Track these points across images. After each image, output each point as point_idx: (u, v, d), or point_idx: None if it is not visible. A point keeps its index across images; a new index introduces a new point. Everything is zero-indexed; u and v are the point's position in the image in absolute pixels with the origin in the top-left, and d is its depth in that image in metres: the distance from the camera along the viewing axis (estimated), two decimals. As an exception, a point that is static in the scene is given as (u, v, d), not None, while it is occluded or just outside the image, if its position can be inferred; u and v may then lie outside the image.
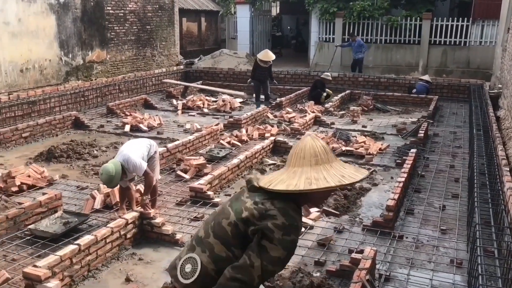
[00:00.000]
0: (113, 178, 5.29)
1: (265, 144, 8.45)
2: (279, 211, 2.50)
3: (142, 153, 5.66)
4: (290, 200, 2.57)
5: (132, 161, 5.44)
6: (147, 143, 5.91)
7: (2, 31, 10.73)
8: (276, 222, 2.48)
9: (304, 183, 2.51)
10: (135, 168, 5.49)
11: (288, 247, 2.53)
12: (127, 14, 14.72)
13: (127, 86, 13.77)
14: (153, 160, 5.95)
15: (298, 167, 2.60)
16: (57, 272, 4.20)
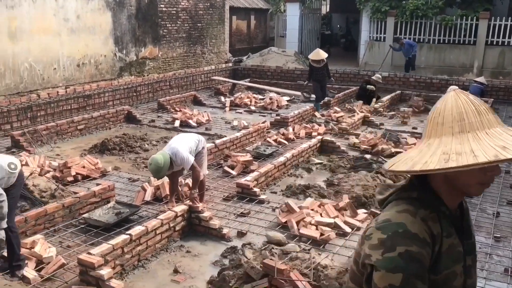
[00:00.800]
0: (161, 169, 5.42)
1: (312, 143, 8.42)
2: (377, 224, 1.65)
3: (190, 148, 5.77)
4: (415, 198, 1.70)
5: (180, 155, 5.56)
6: (196, 138, 6.02)
7: (62, 27, 11.20)
8: (371, 243, 1.62)
9: (438, 160, 1.59)
10: (182, 162, 5.61)
11: (395, 266, 1.53)
12: (179, 11, 15.01)
13: (177, 82, 14.06)
14: (201, 155, 6.05)
15: (435, 138, 1.67)
16: (109, 260, 4.37)
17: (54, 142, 8.96)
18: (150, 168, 5.51)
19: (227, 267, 4.37)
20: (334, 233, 5.31)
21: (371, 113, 11.44)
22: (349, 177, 6.85)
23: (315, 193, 6.55)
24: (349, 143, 9.04)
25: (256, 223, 5.68)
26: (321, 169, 7.79)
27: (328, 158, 8.22)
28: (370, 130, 10.22)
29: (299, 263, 4.19)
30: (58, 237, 5.22)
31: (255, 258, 4.29)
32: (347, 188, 6.51)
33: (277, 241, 4.81)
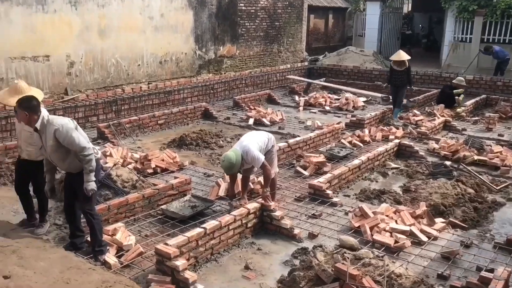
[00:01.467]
0: (234, 166, 5.55)
1: (388, 146, 8.19)
2: None
3: (260, 146, 5.83)
4: None
5: (251, 153, 5.63)
6: (266, 136, 6.07)
7: (146, 25, 11.73)
8: None
9: None
10: (253, 160, 5.67)
11: None
12: (258, 10, 15.17)
13: (253, 80, 14.23)
14: (271, 153, 6.09)
15: None
16: (184, 252, 4.52)
17: (136, 135, 9.41)
18: (222, 164, 5.65)
19: (298, 268, 4.37)
20: (410, 241, 5.14)
21: (453, 118, 10.91)
22: (427, 184, 6.59)
23: (390, 199, 6.37)
24: (428, 148, 8.69)
25: (328, 225, 5.62)
26: (397, 174, 7.56)
27: (405, 163, 7.95)
28: (451, 136, 9.76)
29: (372, 269, 4.09)
30: (137, 226, 5.48)
31: (327, 261, 4.25)
32: (425, 195, 6.27)
33: (350, 246, 4.74)
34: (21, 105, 4.46)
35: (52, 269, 3.85)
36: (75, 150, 4.47)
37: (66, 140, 4.42)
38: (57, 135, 4.41)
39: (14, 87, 5.09)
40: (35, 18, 9.46)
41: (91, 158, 4.51)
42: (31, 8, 9.37)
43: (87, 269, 3.92)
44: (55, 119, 4.55)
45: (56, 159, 4.57)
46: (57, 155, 4.52)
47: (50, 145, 4.46)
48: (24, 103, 4.47)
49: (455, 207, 6.01)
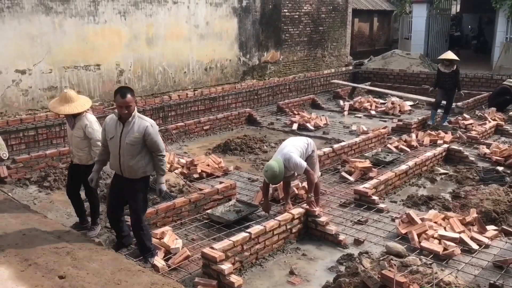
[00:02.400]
0: (277, 175, 5.56)
1: (437, 151, 7.99)
2: None
3: (301, 152, 5.83)
4: None
5: (293, 160, 5.64)
6: (305, 141, 6.06)
7: (192, 33, 11.99)
8: None
9: None
10: (295, 167, 5.68)
11: None
12: (301, 16, 15.18)
13: (297, 86, 14.23)
14: (312, 158, 6.07)
15: None
16: (230, 256, 4.58)
17: (183, 141, 9.62)
18: (266, 175, 5.65)
19: (343, 274, 4.33)
20: (459, 249, 4.99)
21: (505, 122, 10.50)
22: (477, 190, 6.37)
23: (439, 205, 6.21)
24: (479, 153, 8.41)
25: (374, 232, 5.54)
26: (446, 179, 7.36)
27: (454, 169, 7.73)
28: (504, 140, 9.41)
29: (420, 277, 4.01)
30: (184, 230, 5.60)
31: (373, 268, 4.20)
32: (475, 201, 6.07)
33: (397, 253, 4.65)
34: (132, 92, 4.53)
35: (103, 270, 4.00)
36: (155, 150, 4.62)
37: (152, 139, 4.56)
38: (147, 131, 4.52)
39: (64, 96, 5.31)
40: (86, 29, 9.87)
41: (165, 161, 4.79)
42: (83, 19, 9.78)
43: (137, 271, 4.04)
44: (146, 117, 4.71)
45: (128, 154, 4.56)
46: (132, 150, 4.55)
47: (133, 138, 4.51)
48: (132, 91, 4.56)
49: (508, 214, 5.79)
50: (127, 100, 4.46)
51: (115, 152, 4.64)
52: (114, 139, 4.62)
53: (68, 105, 5.21)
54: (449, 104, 10.53)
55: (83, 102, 5.34)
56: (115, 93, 4.53)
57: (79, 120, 5.30)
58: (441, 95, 10.48)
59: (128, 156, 4.57)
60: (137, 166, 4.60)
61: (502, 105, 11.52)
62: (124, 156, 4.59)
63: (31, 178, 7.20)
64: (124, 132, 4.56)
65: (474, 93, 13.04)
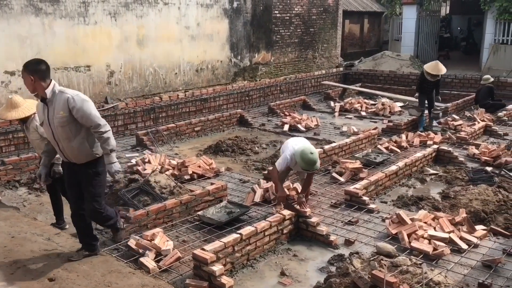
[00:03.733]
0: (318, 161, 5.67)
1: (426, 152, 8.04)
2: None
3: None
4: None
5: None
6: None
7: (183, 35, 11.99)
8: None
9: None
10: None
11: None
12: (292, 17, 15.23)
13: (288, 87, 14.27)
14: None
15: None
16: (221, 257, 4.58)
17: (173, 142, 9.60)
18: (312, 157, 5.53)
19: (334, 275, 4.35)
20: (449, 249, 5.04)
21: (494, 122, 10.61)
22: (467, 190, 6.43)
23: (428, 205, 6.26)
24: (468, 153, 8.48)
25: (365, 232, 5.57)
26: (436, 180, 7.42)
27: (444, 169, 7.79)
28: (492, 141, 9.50)
29: (410, 277, 4.03)
30: (175, 231, 5.59)
31: (363, 268, 4.22)
32: (465, 202, 6.12)
33: (387, 253, 4.68)
34: (27, 68, 3.90)
35: (94, 273, 3.99)
36: (89, 126, 3.99)
37: (80, 112, 3.91)
38: (70, 105, 3.88)
39: (9, 102, 5.27)
40: (77, 30, 9.83)
41: (110, 135, 4.10)
42: (73, 20, 9.74)
43: (127, 273, 4.04)
44: (69, 89, 4.11)
45: (63, 138, 3.97)
46: (65, 131, 3.94)
47: (59, 118, 3.93)
48: (30, 66, 3.94)
49: (497, 214, 5.84)
50: (26, 82, 3.92)
51: (51, 138, 4.11)
52: (44, 125, 4.09)
53: (15, 111, 5.19)
54: (431, 105, 10.62)
55: (30, 106, 5.27)
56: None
57: (30, 123, 5.25)
58: (423, 99, 10.54)
59: (65, 140, 4.00)
60: (80, 149, 4.03)
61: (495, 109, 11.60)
62: (61, 141, 4.04)
63: (20, 180, 7.15)
64: (50, 114, 3.99)
65: (463, 94, 13.16)
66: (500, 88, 13.10)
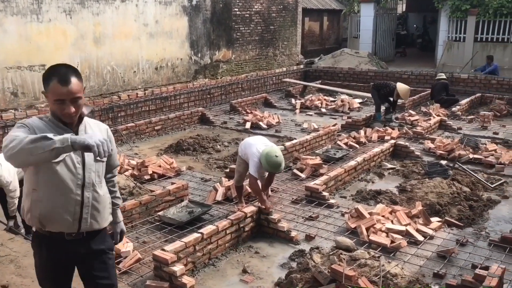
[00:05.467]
0: (282, 164, 5.62)
1: (384, 147, 8.23)
2: None
3: None
4: None
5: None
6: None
7: (141, 32, 11.79)
8: None
9: None
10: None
11: None
12: (252, 15, 15.24)
13: (249, 84, 14.29)
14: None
15: None
16: (182, 257, 4.55)
17: (133, 142, 9.45)
18: (276, 160, 5.51)
19: (295, 270, 4.40)
20: (406, 241, 5.18)
21: (448, 117, 10.97)
22: (423, 184, 6.63)
23: (386, 199, 6.41)
24: (424, 148, 8.74)
25: (325, 227, 5.66)
26: (393, 174, 7.60)
27: (401, 163, 8.00)
28: (447, 135, 9.82)
29: (368, 270, 4.13)
30: (135, 233, 5.51)
31: (323, 263, 4.29)
32: (421, 195, 6.31)
33: (346, 247, 4.77)
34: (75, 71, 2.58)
35: (50, 277, 3.88)
36: (114, 166, 2.96)
37: (113, 146, 2.80)
38: (109, 134, 2.82)
39: None
40: (30, 28, 9.51)
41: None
42: (26, 17, 9.42)
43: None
44: None
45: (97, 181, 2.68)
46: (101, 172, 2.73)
47: None
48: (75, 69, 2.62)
49: (451, 206, 6.05)
50: (72, 88, 2.49)
51: (68, 185, 2.56)
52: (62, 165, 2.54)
53: None
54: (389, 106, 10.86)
55: None
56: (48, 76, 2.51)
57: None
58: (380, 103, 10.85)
59: (96, 184, 2.67)
60: (106, 200, 2.77)
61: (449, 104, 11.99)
62: (89, 189, 2.64)
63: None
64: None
65: (419, 90, 13.52)
66: (454, 84, 13.55)
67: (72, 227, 2.62)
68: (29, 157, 2.30)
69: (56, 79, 2.48)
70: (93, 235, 2.73)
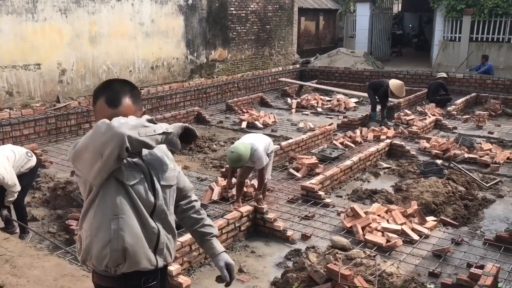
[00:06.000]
0: (241, 159, 5.57)
1: (380, 146, 8.26)
2: None
3: (264, 149, 5.90)
4: None
5: (258, 152, 5.71)
6: (268, 140, 6.16)
7: (137, 31, 11.76)
8: None
9: None
10: (258, 160, 5.74)
11: None
12: (248, 14, 15.24)
13: (245, 84, 14.29)
14: (269, 158, 6.15)
15: None
16: (178, 257, 4.54)
17: (129, 141, 9.41)
18: (231, 155, 5.61)
19: (291, 270, 4.41)
20: (401, 240, 5.20)
21: (444, 116, 11.01)
22: (418, 183, 6.65)
23: (382, 199, 6.43)
24: (419, 147, 8.76)
25: (321, 226, 5.67)
26: (389, 173, 7.63)
27: (397, 163, 8.02)
28: (442, 134, 9.85)
29: (364, 269, 4.14)
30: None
31: (319, 262, 4.30)
32: (416, 194, 6.33)
33: (342, 246, 4.78)
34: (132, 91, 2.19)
35: (45, 277, 3.86)
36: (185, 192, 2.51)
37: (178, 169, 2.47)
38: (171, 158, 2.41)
39: None
40: (25, 27, 9.47)
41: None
42: (21, 16, 9.38)
43: (81, 276, 3.94)
44: None
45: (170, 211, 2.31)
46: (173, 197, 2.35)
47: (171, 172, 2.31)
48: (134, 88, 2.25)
49: (446, 205, 6.08)
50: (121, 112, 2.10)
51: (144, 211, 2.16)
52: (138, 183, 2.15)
53: None
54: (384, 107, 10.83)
55: None
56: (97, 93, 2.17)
57: None
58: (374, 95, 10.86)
59: (169, 212, 2.31)
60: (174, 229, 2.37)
61: (443, 103, 12.05)
62: (162, 218, 2.25)
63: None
64: (154, 171, 2.23)
65: (415, 90, 13.57)
66: (449, 84, 13.58)
67: (152, 261, 2.19)
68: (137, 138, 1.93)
69: (104, 98, 2.11)
70: (164, 272, 2.35)
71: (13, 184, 4.98)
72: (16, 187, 5.02)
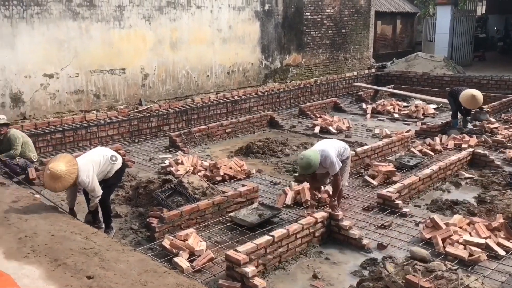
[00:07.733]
0: (311, 165, 5.58)
1: (461, 155, 7.89)
2: None
3: (337, 154, 5.86)
4: None
5: (330, 158, 5.68)
6: (343, 145, 6.12)
7: (215, 37, 12.09)
8: None
9: None
10: (331, 166, 5.70)
11: None
12: (324, 19, 15.16)
13: (319, 88, 14.23)
14: (345, 164, 6.09)
15: None
16: (253, 259, 4.61)
17: (205, 144, 9.71)
18: (300, 162, 5.66)
19: (367, 279, 4.33)
20: (485, 255, 4.93)
21: (533, 125, 10.31)
22: (504, 195, 6.29)
23: (463, 210, 6.14)
24: (505, 157, 8.26)
25: (398, 236, 5.51)
26: (471, 184, 7.26)
27: (479, 173, 7.62)
28: (531, 144, 9.22)
29: (445, 283, 3.98)
30: (208, 232, 5.66)
31: (397, 273, 4.18)
32: (502, 207, 5.98)
33: (421, 258, 4.63)
34: None
35: (130, 271, 4.07)
36: None
37: None
38: None
39: (50, 175, 5.06)
40: (112, 34, 10.05)
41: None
42: (109, 24, 9.97)
43: (163, 273, 4.11)
44: None
45: None
46: None
47: None
48: None
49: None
50: None
51: None
52: None
53: (60, 182, 5.06)
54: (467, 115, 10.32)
55: (69, 169, 5.09)
56: None
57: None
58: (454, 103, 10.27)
59: None
60: None
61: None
62: None
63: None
64: None
65: (500, 96, 12.82)
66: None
67: None
68: None
69: None
70: None
71: (93, 189, 5.29)
72: (95, 193, 5.33)
